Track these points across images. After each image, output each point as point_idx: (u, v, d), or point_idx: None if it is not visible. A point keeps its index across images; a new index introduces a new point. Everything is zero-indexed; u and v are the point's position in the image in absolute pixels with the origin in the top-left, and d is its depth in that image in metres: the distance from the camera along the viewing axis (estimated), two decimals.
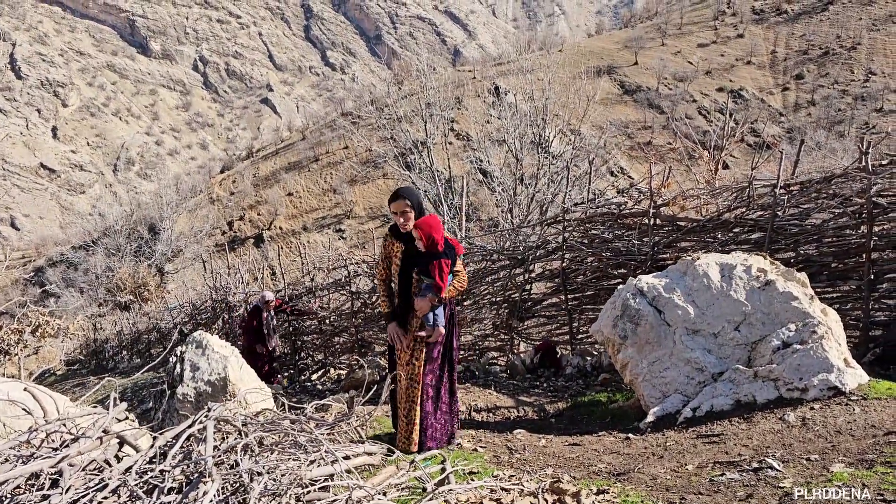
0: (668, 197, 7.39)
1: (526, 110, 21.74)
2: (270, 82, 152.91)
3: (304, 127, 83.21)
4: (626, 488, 4.02)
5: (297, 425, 3.24)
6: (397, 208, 4.67)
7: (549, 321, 8.78)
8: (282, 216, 61.58)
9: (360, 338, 10.68)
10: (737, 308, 5.40)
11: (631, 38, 79.43)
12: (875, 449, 3.97)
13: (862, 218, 6.25)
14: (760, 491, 3.69)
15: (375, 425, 6.12)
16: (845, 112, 61.21)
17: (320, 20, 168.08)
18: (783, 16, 78.38)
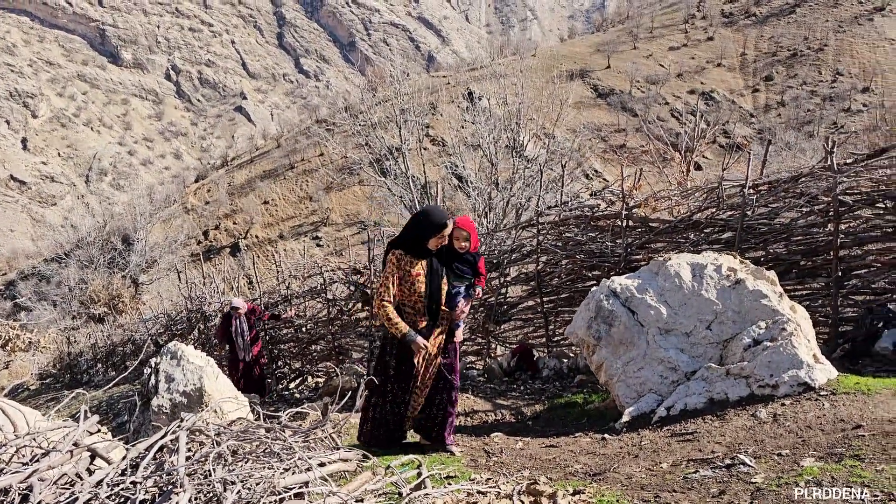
0: (640, 199, 7.47)
1: (500, 115, 21.83)
2: (244, 90, 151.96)
3: (279, 135, 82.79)
4: (601, 488, 4.06)
5: (272, 433, 3.23)
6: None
7: (525, 324, 8.83)
8: (258, 225, 61.19)
9: (336, 345, 10.65)
10: (708, 307, 5.47)
11: (603, 42, 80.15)
12: (844, 443, 4.05)
13: (829, 216, 6.37)
14: (733, 487, 3.75)
15: (353, 432, 6.11)
16: (814, 112, 62.19)
17: (293, 27, 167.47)
18: (752, 18, 79.50)
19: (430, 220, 4.65)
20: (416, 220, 4.73)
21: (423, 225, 4.66)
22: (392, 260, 4.66)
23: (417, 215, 4.76)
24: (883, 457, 3.72)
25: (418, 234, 4.66)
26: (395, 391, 4.87)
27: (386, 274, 4.65)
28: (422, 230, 4.65)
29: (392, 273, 4.65)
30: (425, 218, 4.67)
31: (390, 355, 4.83)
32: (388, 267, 4.67)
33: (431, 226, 4.64)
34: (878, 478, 3.48)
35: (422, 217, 4.70)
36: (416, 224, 4.70)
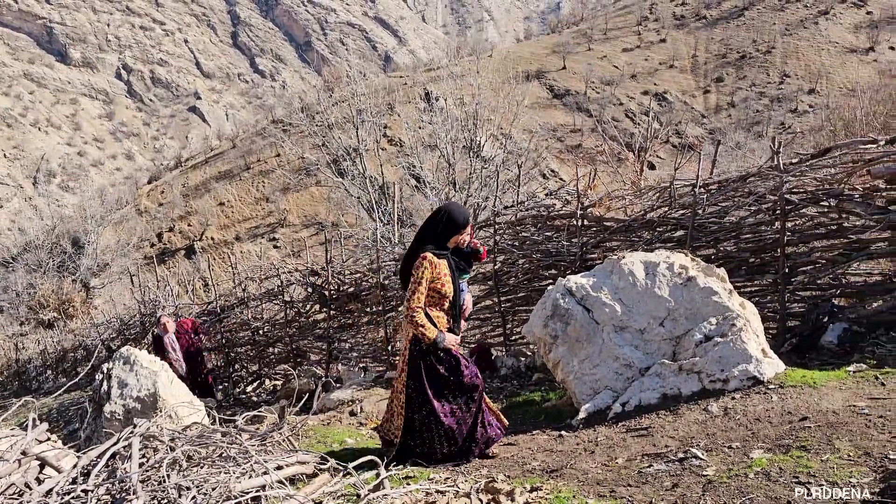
0: (594, 198, 7.58)
1: (457, 115, 21.91)
2: (198, 90, 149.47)
3: (234, 135, 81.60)
4: (558, 484, 4.12)
5: (227, 438, 3.20)
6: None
7: (483, 323, 8.88)
8: (213, 226, 60.26)
9: (294, 347, 10.56)
10: (661, 304, 5.57)
11: (558, 43, 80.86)
12: (791, 434, 4.17)
13: (776, 214, 6.54)
14: (685, 480, 3.83)
15: (313, 433, 6.08)
16: (763, 113, 63.70)
17: (248, 26, 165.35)
18: (703, 21, 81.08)
19: (452, 219, 4.56)
20: (437, 219, 4.61)
21: (445, 223, 4.56)
22: (424, 262, 4.47)
23: (438, 214, 4.63)
24: (827, 447, 3.85)
25: (440, 233, 4.56)
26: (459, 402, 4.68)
27: (419, 279, 4.46)
28: (444, 229, 4.56)
29: (424, 276, 4.47)
30: (448, 216, 4.57)
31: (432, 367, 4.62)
32: (420, 270, 4.48)
33: (454, 224, 4.56)
34: (823, 467, 3.60)
35: (444, 215, 4.58)
36: (437, 223, 4.59)
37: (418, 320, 4.45)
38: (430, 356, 4.57)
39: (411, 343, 4.60)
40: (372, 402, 7.22)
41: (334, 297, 9.84)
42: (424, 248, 4.54)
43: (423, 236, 4.62)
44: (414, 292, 4.47)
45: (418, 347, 4.58)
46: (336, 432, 6.07)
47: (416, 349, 4.59)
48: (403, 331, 4.75)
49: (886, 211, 6.03)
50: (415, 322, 4.45)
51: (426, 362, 4.58)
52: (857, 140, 6.36)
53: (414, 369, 4.62)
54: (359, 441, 5.76)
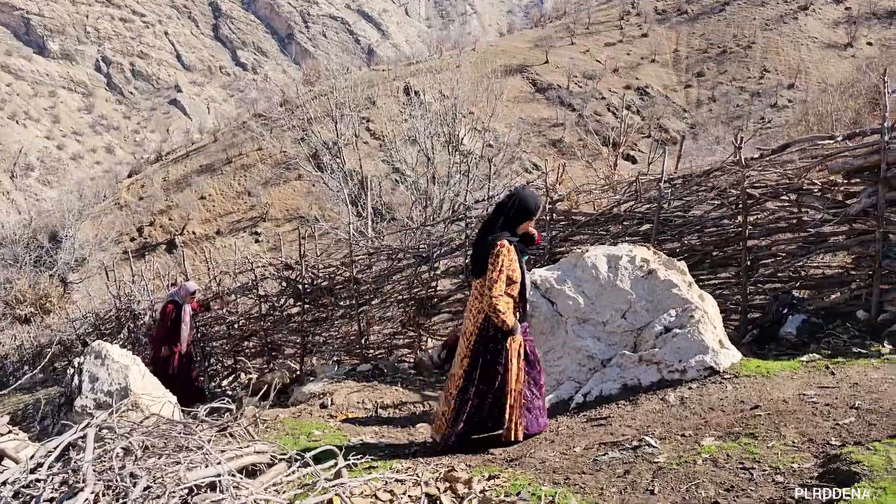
0: (563, 193, 7.69)
1: (437, 110, 21.96)
2: (179, 83, 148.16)
3: (216, 129, 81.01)
4: (516, 473, 4.22)
5: (184, 429, 3.26)
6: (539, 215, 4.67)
7: (455, 317, 8.97)
8: (195, 220, 59.88)
9: (269, 341, 10.60)
10: (623, 297, 5.68)
11: (541, 37, 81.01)
12: (742, 422, 4.29)
13: (738, 209, 6.68)
14: (637, 467, 3.95)
15: (282, 426, 6.14)
16: (743, 108, 64.21)
17: (229, 19, 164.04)
18: (684, 16, 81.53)
19: (526, 206, 4.49)
20: (509, 205, 4.51)
21: (517, 209, 4.49)
22: (503, 250, 4.40)
23: (511, 200, 4.52)
24: (775, 434, 3.98)
25: (512, 218, 4.48)
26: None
27: (500, 267, 4.38)
28: (516, 215, 4.49)
29: (504, 264, 4.40)
30: (521, 203, 4.49)
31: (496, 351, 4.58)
32: (500, 258, 4.40)
33: (527, 211, 4.50)
34: (769, 453, 3.73)
35: (517, 202, 4.50)
36: (509, 209, 4.50)
37: (502, 308, 4.41)
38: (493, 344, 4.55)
39: (479, 329, 4.58)
40: (343, 394, 7.30)
41: (308, 291, 9.89)
42: (499, 235, 4.46)
43: (495, 222, 4.55)
44: (496, 280, 4.39)
45: (486, 334, 4.56)
46: (305, 424, 6.14)
47: (483, 335, 4.57)
48: (471, 317, 4.65)
49: (843, 205, 6.18)
50: (498, 310, 4.40)
51: (495, 348, 4.56)
52: (815, 136, 6.50)
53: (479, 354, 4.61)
54: (326, 433, 5.83)
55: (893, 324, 5.84)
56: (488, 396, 4.65)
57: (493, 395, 4.63)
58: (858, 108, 15.05)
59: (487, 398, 4.65)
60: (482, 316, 4.55)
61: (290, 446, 4.81)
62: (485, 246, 4.49)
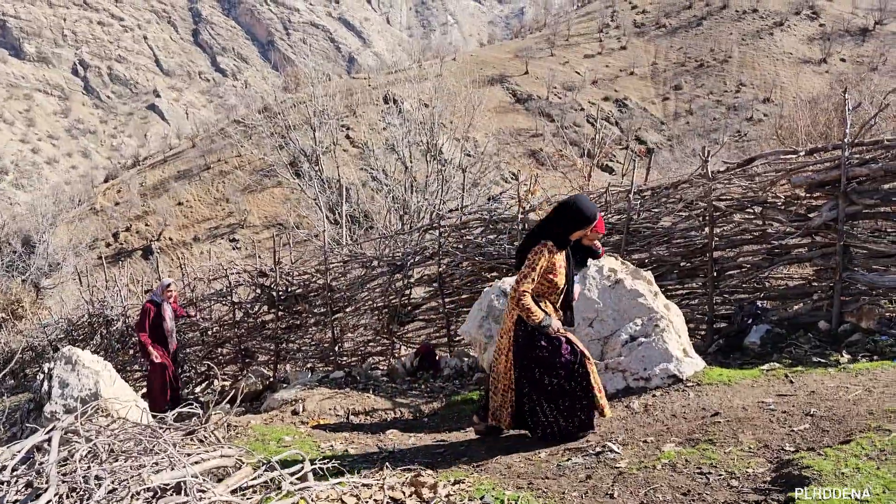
0: (535, 203, 7.80)
1: (418, 118, 22.05)
2: (157, 88, 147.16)
3: (195, 134, 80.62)
4: (481, 477, 4.28)
5: (149, 432, 3.29)
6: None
7: (427, 325, 9.05)
8: (172, 227, 59.48)
9: (243, 348, 10.59)
10: (590, 306, 5.79)
11: (521, 48, 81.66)
12: (702, 429, 4.40)
13: (705, 220, 6.82)
14: (599, 472, 4.04)
15: (252, 432, 6.16)
16: (720, 121, 65.11)
17: (210, 24, 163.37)
18: (662, 30, 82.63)
19: (582, 214, 4.48)
20: (565, 212, 4.51)
21: (573, 217, 4.49)
22: (543, 251, 4.44)
23: (567, 207, 4.52)
24: (732, 440, 4.09)
25: (567, 226, 4.49)
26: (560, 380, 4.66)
27: (533, 265, 4.43)
28: (571, 223, 4.50)
29: (540, 264, 4.44)
30: (577, 211, 4.48)
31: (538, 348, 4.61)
32: (538, 257, 4.44)
33: (583, 219, 4.49)
34: (726, 459, 3.84)
35: (574, 210, 4.49)
36: (564, 216, 4.50)
37: (525, 303, 4.44)
38: (534, 337, 4.58)
39: (516, 324, 4.63)
40: (315, 401, 7.32)
41: (283, 298, 9.91)
42: (548, 237, 4.50)
43: (549, 225, 4.56)
44: (526, 276, 4.45)
45: (523, 329, 4.60)
46: (275, 430, 6.16)
47: (520, 330, 4.62)
48: (508, 312, 4.71)
49: (806, 218, 6.34)
50: (521, 304, 4.45)
51: (530, 342, 4.61)
52: (779, 150, 6.67)
53: (519, 349, 4.65)
54: (296, 439, 5.85)
55: (853, 334, 6.00)
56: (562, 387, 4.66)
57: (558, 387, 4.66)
58: (828, 123, 15.41)
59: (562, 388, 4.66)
60: (517, 312, 4.60)
61: (258, 451, 4.84)
62: (531, 243, 4.54)
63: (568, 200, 4.61)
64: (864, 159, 6.01)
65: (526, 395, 4.75)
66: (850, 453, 3.49)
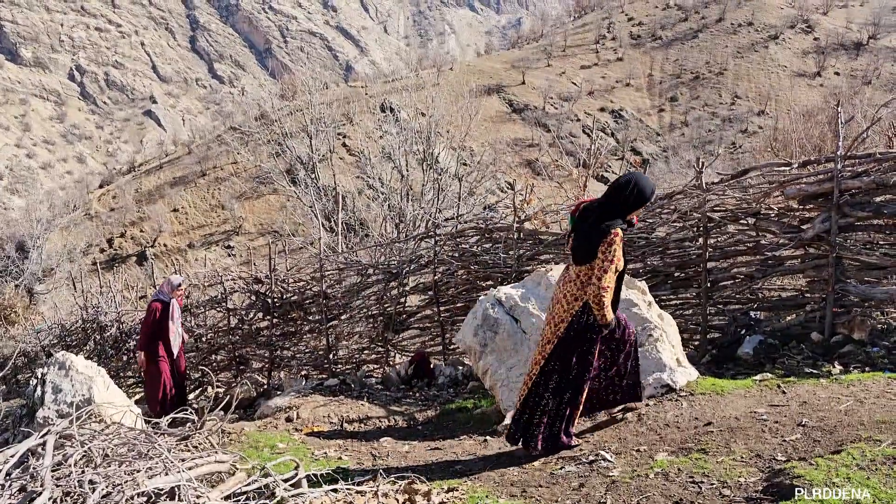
0: (530, 212, 7.84)
1: (414, 127, 22.12)
2: (154, 94, 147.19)
3: (191, 141, 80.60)
4: (475, 485, 4.30)
5: (142, 437, 3.30)
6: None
7: (422, 333, 9.06)
8: (166, 233, 59.36)
9: (237, 355, 10.58)
10: None
11: (518, 58, 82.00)
12: (695, 439, 4.42)
13: (699, 231, 6.86)
14: (592, 480, 4.05)
15: (246, 439, 6.16)
16: (714, 133, 65.45)
17: (207, 31, 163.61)
18: (658, 41, 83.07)
19: (642, 193, 4.26)
20: (626, 192, 4.25)
21: (635, 197, 4.26)
22: (618, 241, 4.21)
23: (626, 186, 4.26)
24: (724, 449, 4.11)
25: (629, 206, 4.27)
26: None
27: (611, 256, 4.20)
28: (634, 202, 4.27)
29: (618, 254, 4.24)
30: (638, 190, 4.25)
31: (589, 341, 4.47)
32: (614, 248, 4.20)
33: (643, 197, 4.28)
34: (718, 468, 3.86)
35: (634, 188, 4.24)
36: (626, 196, 4.25)
37: (607, 301, 4.29)
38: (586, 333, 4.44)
39: (575, 316, 4.42)
40: (309, 408, 7.32)
41: (277, 306, 9.91)
42: (615, 223, 4.23)
43: (610, 209, 4.28)
44: (606, 270, 4.22)
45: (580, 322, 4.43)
46: (269, 437, 6.17)
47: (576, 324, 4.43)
48: (561, 304, 4.49)
49: (799, 230, 6.39)
50: (604, 302, 4.26)
51: (581, 338, 4.44)
52: (773, 162, 6.73)
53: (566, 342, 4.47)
54: (290, 446, 5.86)
55: (845, 345, 6.03)
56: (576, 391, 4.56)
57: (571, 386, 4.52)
58: (822, 136, 15.53)
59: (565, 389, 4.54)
60: (579, 304, 4.39)
61: (252, 458, 4.85)
62: (598, 233, 4.23)
63: (628, 180, 4.31)
64: (856, 172, 6.06)
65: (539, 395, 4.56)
66: (840, 463, 3.51)
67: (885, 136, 12.35)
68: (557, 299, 4.54)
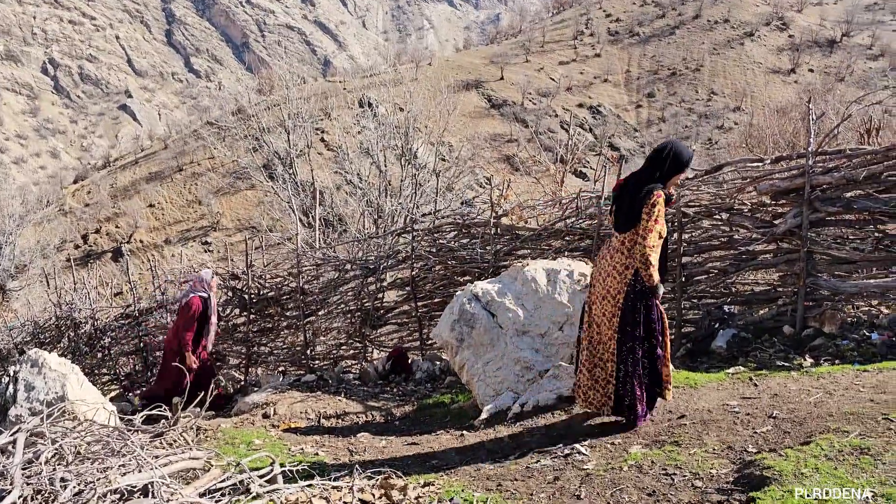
0: (507, 208, 7.87)
1: (392, 122, 22.06)
2: (129, 88, 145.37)
3: (167, 136, 79.77)
4: (450, 479, 4.32)
5: (115, 434, 3.28)
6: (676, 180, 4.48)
7: (400, 328, 9.07)
8: (142, 229, 58.75)
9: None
10: (561, 310, 5.85)
11: (497, 54, 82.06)
12: (668, 431, 4.47)
13: (674, 226, 6.93)
14: (567, 473, 4.09)
15: (222, 435, 6.13)
16: (692, 129, 66.02)
17: (183, 25, 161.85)
18: (636, 38, 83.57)
19: (681, 157, 4.33)
20: (663, 157, 4.34)
21: (672, 161, 4.33)
22: (660, 201, 4.25)
23: (662, 150, 4.37)
24: (697, 442, 4.16)
25: (666, 171, 4.34)
26: None
27: (656, 216, 4.22)
28: (670, 167, 4.34)
29: (661, 213, 4.26)
30: (677, 155, 4.33)
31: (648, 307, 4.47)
32: (657, 208, 4.23)
33: (680, 162, 4.34)
34: (690, 460, 3.91)
35: (670, 152, 4.34)
36: (663, 160, 4.33)
37: (654, 260, 4.29)
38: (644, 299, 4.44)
39: (629, 285, 4.44)
40: (286, 404, 7.30)
41: (254, 302, 9.86)
42: (656, 186, 4.28)
43: (650, 175, 4.36)
44: (651, 230, 4.25)
45: (636, 291, 4.43)
46: (245, 434, 6.14)
47: (633, 293, 4.44)
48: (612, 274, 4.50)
49: (771, 225, 6.47)
50: (650, 261, 4.27)
51: (641, 305, 4.45)
52: (745, 158, 6.80)
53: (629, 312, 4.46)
54: (267, 442, 5.84)
55: (816, 338, 6.13)
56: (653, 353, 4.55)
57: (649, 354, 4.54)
58: (795, 132, 15.74)
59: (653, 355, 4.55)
60: (631, 272, 4.41)
61: (228, 454, 4.82)
62: (640, 196, 4.29)
63: (665, 145, 4.43)
64: (827, 168, 6.15)
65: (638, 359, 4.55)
66: (809, 454, 3.57)
67: (856, 133, 12.54)
68: (607, 272, 4.56)
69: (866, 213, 6.06)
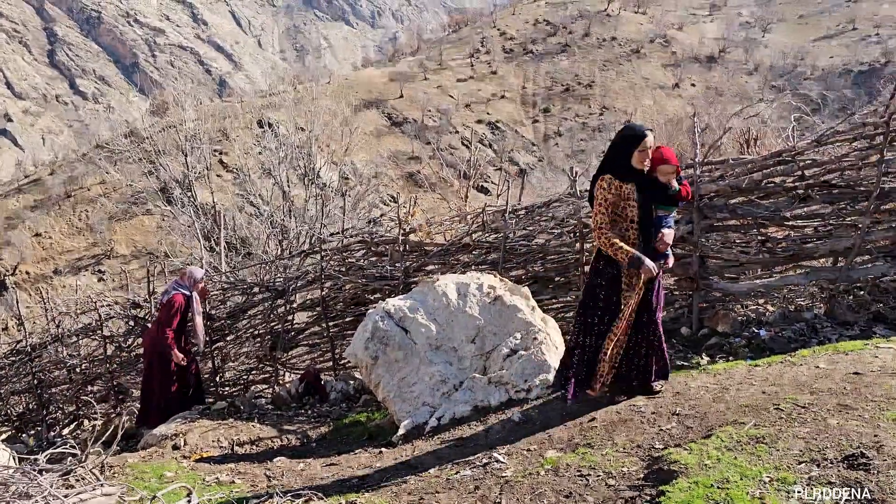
0: (414, 224, 7.96)
1: (293, 142, 21.83)
2: (9, 112, 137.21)
3: (53, 161, 75.70)
4: (372, 497, 4.33)
5: (22, 474, 3.13)
6: (650, 145, 4.53)
7: (312, 349, 8.98)
8: (28, 260, 55.40)
9: (116, 384, 10.06)
10: (472, 322, 5.97)
11: (396, 72, 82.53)
12: (581, 434, 4.65)
13: (575, 237, 7.20)
14: (487, 482, 4.18)
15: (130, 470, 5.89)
16: (586, 142, 68.33)
17: (67, 45, 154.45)
18: (530, 55, 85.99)
19: (630, 132, 4.55)
20: (616, 139, 4.62)
21: (623, 139, 4.55)
22: (602, 185, 4.52)
23: (617, 134, 4.66)
24: (608, 442, 4.35)
25: (621, 150, 4.54)
26: (598, 330, 4.80)
27: (599, 201, 4.52)
28: (623, 146, 4.53)
29: (605, 199, 4.50)
30: (628, 131, 4.58)
31: (600, 287, 4.72)
32: (600, 193, 4.52)
33: (632, 138, 4.51)
34: (603, 460, 4.08)
35: (622, 133, 4.62)
36: (616, 142, 4.60)
37: (606, 241, 4.49)
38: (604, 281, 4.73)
39: (590, 275, 4.84)
40: (196, 434, 7.08)
41: None
42: (601, 172, 4.56)
43: (607, 159, 4.62)
44: (596, 214, 4.54)
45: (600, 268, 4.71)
46: (156, 467, 5.92)
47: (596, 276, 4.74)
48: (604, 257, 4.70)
49: None
50: (604, 242, 4.50)
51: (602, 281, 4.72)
52: None
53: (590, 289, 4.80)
54: (179, 474, 5.66)
55: (711, 338, 6.50)
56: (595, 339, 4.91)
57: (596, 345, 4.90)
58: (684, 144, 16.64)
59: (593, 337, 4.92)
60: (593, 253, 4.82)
61: (140, 489, 4.65)
62: (591, 186, 4.67)
63: (622, 128, 4.74)
64: (714, 177, 6.57)
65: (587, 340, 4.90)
66: (711, 446, 3.80)
67: (737, 143, 13.39)
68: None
69: (750, 219, 6.50)
